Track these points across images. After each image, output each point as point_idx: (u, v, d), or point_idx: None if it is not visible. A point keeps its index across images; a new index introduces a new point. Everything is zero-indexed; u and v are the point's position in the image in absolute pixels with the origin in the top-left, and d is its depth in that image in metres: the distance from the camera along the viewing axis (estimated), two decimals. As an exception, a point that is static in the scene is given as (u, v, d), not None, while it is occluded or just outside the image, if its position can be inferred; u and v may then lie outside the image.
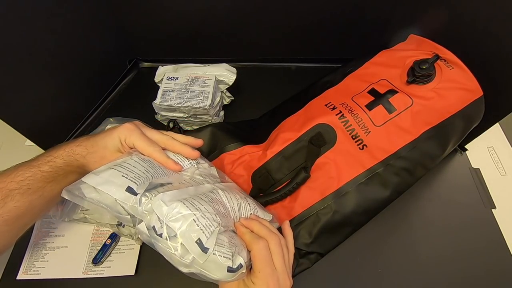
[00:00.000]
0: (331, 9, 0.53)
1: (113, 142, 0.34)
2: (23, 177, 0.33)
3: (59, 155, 0.34)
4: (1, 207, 0.31)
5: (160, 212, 0.28)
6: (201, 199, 0.30)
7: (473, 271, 0.42)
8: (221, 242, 0.29)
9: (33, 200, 0.32)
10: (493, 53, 0.42)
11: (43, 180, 0.33)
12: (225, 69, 0.53)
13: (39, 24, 0.43)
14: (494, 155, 0.53)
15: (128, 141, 0.34)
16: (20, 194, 0.32)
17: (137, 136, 0.34)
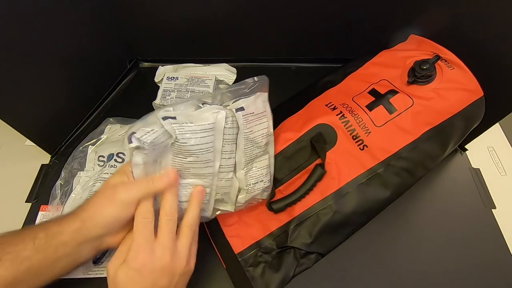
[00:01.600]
0: (331, 9, 0.53)
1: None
2: (19, 241, 0.29)
3: (54, 226, 0.30)
4: None
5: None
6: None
7: (473, 271, 0.42)
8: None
9: (19, 273, 0.28)
10: (493, 53, 0.42)
11: (32, 250, 0.29)
12: (225, 69, 0.53)
13: (39, 24, 0.43)
14: (494, 155, 0.53)
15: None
16: (9, 261, 0.28)
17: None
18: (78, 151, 0.50)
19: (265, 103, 0.36)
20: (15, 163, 0.53)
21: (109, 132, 0.51)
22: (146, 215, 0.29)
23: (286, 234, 0.40)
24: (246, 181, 0.36)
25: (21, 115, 0.45)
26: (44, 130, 0.50)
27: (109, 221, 0.30)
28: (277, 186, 0.42)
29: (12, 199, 0.49)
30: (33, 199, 0.48)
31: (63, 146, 0.54)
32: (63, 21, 0.47)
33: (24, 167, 0.52)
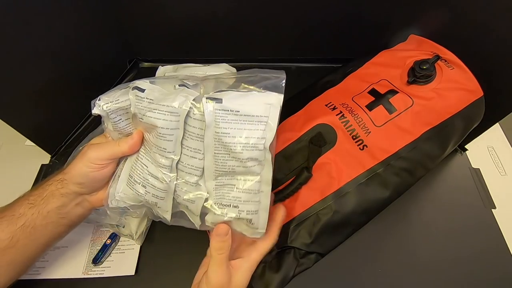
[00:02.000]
0: (331, 9, 0.53)
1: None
2: (14, 203, 0.32)
3: (46, 180, 0.33)
4: None
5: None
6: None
7: (473, 271, 0.42)
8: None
9: (15, 231, 0.31)
10: (493, 53, 0.42)
11: (26, 206, 0.32)
12: (225, 69, 0.53)
13: (39, 24, 0.43)
14: (494, 155, 0.53)
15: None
16: (6, 222, 0.31)
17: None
18: (78, 151, 0.50)
19: (271, 108, 0.27)
20: (15, 163, 0.54)
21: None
22: (221, 251, 0.30)
23: (286, 234, 0.40)
24: (214, 197, 0.30)
25: (21, 115, 0.45)
26: (44, 130, 0.50)
27: (80, 177, 0.32)
28: (277, 186, 0.42)
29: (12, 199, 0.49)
30: None
31: (63, 146, 0.54)
32: (63, 21, 0.47)
33: (24, 167, 0.52)
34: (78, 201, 0.33)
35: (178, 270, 0.42)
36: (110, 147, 0.32)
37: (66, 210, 0.33)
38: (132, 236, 0.43)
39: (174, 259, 0.43)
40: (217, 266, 0.29)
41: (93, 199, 0.34)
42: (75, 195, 0.33)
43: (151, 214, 0.35)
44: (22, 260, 0.32)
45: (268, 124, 0.27)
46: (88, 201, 0.34)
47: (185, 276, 0.41)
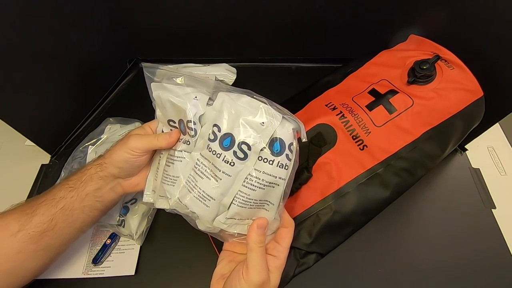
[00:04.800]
0: (331, 9, 0.53)
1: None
2: (52, 189, 0.34)
3: (86, 164, 0.36)
4: (28, 222, 0.32)
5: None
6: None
7: (473, 271, 0.42)
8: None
9: (55, 213, 0.33)
10: (493, 53, 0.42)
11: (66, 189, 0.34)
12: (225, 69, 0.53)
13: (39, 24, 0.43)
14: (494, 155, 0.53)
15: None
16: (45, 206, 0.33)
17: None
18: (78, 151, 0.50)
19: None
20: (15, 163, 0.54)
21: (109, 132, 0.51)
22: (261, 244, 0.30)
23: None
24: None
25: (21, 115, 0.45)
26: (44, 130, 0.50)
27: (120, 162, 0.34)
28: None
29: (12, 199, 0.49)
30: None
31: (63, 146, 0.54)
32: (63, 21, 0.47)
33: (24, 167, 0.52)
34: (113, 184, 0.36)
35: (178, 270, 0.42)
36: (149, 139, 0.34)
37: (102, 193, 0.35)
38: (132, 236, 0.43)
39: (174, 259, 0.43)
40: (259, 260, 0.29)
41: (126, 184, 0.37)
42: (111, 178, 0.35)
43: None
44: (58, 244, 0.34)
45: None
46: (121, 186, 0.36)
47: (185, 276, 0.41)
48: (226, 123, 0.30)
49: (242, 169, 0.30)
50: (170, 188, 0.33)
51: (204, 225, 0.32)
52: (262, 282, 0.29)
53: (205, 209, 0.31)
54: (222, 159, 0.30)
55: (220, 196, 0.30)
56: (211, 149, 0.30)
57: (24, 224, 0.32)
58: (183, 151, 0.33)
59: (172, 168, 0.33)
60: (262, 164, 0.29)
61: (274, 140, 0.29)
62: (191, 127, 0.31)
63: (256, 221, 0.30)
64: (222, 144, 0.30)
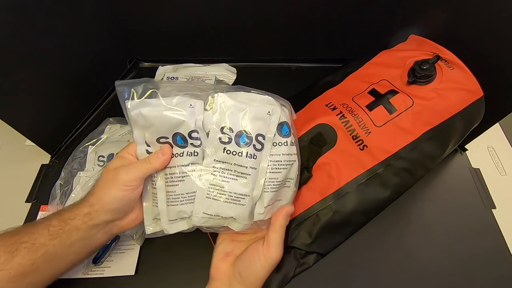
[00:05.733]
0: (331, 9, 0.53)
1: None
2: (34, 230, 0.31)
3: (67, 212, 0.32)
4: (9, 262, 0.29)
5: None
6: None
7: (473, 271, 0.42)
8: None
9: (36, 259, 0.30)
10: (493, 53, 0.42)
11: (47, 236, 0.31)
12: (225, 69, 0.53)
13: (39, 24, 0.43)
14: (494, 155, 0.53)
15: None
16: (26, 249, 0.30)
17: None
18: (78, 151, 0.50)
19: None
20: (15, 163, 0.53)
21: (109, 132, 0.51)
22: (285, 228, 0.34)
23: (286, 235, 0.40)
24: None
25: (21, 115, 0.45)
26: (44, 130, 0.50)
27: (115, 203, 0.31)
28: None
29: (12, 199, 0.49)
30: (33, 199, 0.49)
31: (63, 146, 0.54)
32: (63, 21, 0.47)
33: (24, 167, 0.52)
34: (107, 229, 0.33)
35: (178, 270, 0.42)
36: (141, 166, 0.31)
37: (91, 240, 0.32)
38: (132, 236, 0.43)
39: (174, 259, 0.43)
40: (280, 240, 0.33)
41: (123, 223, 0.33)
42: (104, 225, 0.32)
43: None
44: (41, 282, 0.32)
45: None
46: (118, 227, 0.33)
47: (185, 276, 0.41)
48: (236, 122, 0.31)
49: (262, 159, 0.31)
50: (187, 207, 0.32)
51: (241, 224, 0.32)
52: (278, 259, 0.33)
53: (242, 208, 0.31)
54: (246, 155, 0.31)
55: (251, 190, 0.31)
56: (229, 150, 0.30)
57: (5, 264, 0.29)
58: (190, 164, 0.31)
59: (183, 185, 0.31)
60: (278, 148, 0.32)
61: (281, 124, 0.32)
62: (196, 137, 0.30)
63: (285, 208, 0.34)
64: (240, 142, 0.31)
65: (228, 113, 0.31)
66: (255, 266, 0.32)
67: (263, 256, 0.32)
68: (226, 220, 0.32)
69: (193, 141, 0.31)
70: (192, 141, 0.31)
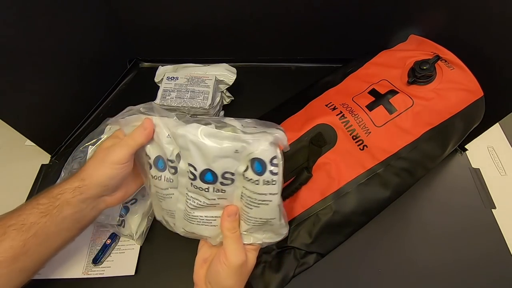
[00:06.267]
0: (331, 9, 0.53)
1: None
2: (22, 212, 0.31)
3: (56, 188, 0.33)
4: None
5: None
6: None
7: (473, 271, 0.42)
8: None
9: (27, 239, 0.30)
10: (493, 53, 0.42)
11: (37, 214, 0.31)
12: (225, 69, 0.53)
13: (39, 24, 0.43)
14: (494, 155, 0.53)
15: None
16: (15, 231, 0.30)
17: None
18: (78, 151, 0.50)
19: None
20: (15, 163, 0.54)
21: (109, 132, 0.51)
22: (234, 230, 0.31)
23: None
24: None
25: (21, 115, 0.45)
26: (44, 130, 0.50)
27: (104, 180, 0.32)
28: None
29: (12, 199, 0.49)
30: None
31: (63, 146, 0.54)
32: (63, 21, 0.47)
33: (24, 167, 0.52)
34: (95, 204, 0.33)
35: (178, 270, 0.42)
36: (127, 143, 0.32)
37: (81, 215, 0.33)
38: (132, 236, 0.43)
39: (174, 259, 0.43)
40: (235, 244, 0.31)
41: (110, 199, 0.34)
42: (93, 199, 0.33)
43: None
44: (33, 265, 0.32)
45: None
46: (105, 202, 0.34)
47: (185, 276, 0.41)
48: (199, 160, 0.29)
49: (234, 190, 0.30)
50: (171, 220, 0.34)
51: (215, 240, 0.33)
52: (241, 263, 0.30)
53: (213, 229, 0.32)
54: (212, 191, 0.30)
55: (222, 211, 0.31)
56: (196, 186, 0.30)
57: None
58: (169, 188, 0.32)
59: (166, 203, 0.33)
60: (250, 184, 0.29)
61: (253, 160, 0.29)
62: (171, 165, 0.31)
63: (226, 210, 0.31)
64: (205, 180, 0.29)
65: (191, 150, 0.29)
66: (220, 275, 0.30)
67: (224, 264, 0.30)
68: (202, 237, 0.33)
69: (170, 169, 0.32)
70: (170, 168, 0.32)
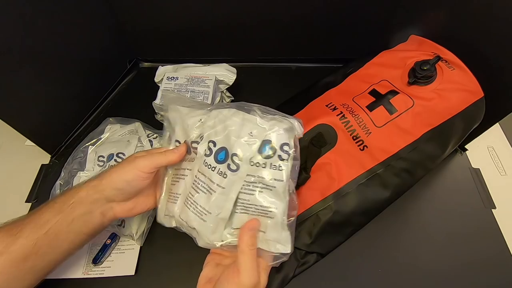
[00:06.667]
0: (332, 9, 0.53)
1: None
2: (40, 209, 0.32)
3: (75, 187, 0.34)
4: (12, 244, 0.30)
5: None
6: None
7: (473, 271, 0.42)
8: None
9: (39, 238, 0.30)
10: (493, 53, 0.42)
11: (52, 212, 0.32)
12: (225, 69, 0.53)
13: (39, 24, 0.43)
14: (494, 155, 0.53)
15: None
16: (29, 229, 0.31)
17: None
18: (78, 151, 0.50)
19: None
20: (15, 163, 0.54)
21: (109, 132, 0.51)
22: (253, 246, 0.30)
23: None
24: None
25: (21, 115, 0.45)
26: (44, 130, 0.50)
27: (123, 183, 0.33)
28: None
29: (12, 199, 0.49)
30: (33, 199, 0.49)
31: (63, 146, 0.54)
32: (63, 21, 0.47)
33: (24, 167, 0.52)
34: (104, 209, 0.34)
35: (178, 270, 0.42)
36: (157, 156, 0.33)
37: (90, 217, 0.33)
38: (132, 236, 0.43)
39: (174, 259, 0.43)
40: (250, 263, 0.28)
41: (119, 208, 0.35)
42: (104, 202, 0.33)
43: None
44: (42, 266, 0.32)
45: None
46: (113, 211, 0.34)
47: (185, 276, 0.41)
48: (220, 138, 0.32)
49: (236, 180, 0.30)
50: (172, 206, 0.35)
51: (203, 240, 0.32)
52: (253, 285, 0.28)
53: (203, 224, 0.32)
54: (216, 171, 0.31)
55: (216, 209, 0.31)
56: (207, 163, 0.32)
57: (7, 247, 0.29)
58: (186, 169, 0.34)
59: (176, 186, 0.35)
60: (255, 168, 0.30)
61: (263, 143, 0.30)
62: (195, 147, 0.33)
63: (247, 223, 0.30)
64: (217, 158, 0.31)
65: (216, 128, 0.32)
66: None
67: (234, 284, 0.28)
68: (193, 231, 0.33)
69: (194, 150, 0.34)
70: (194, 149, 0.34)
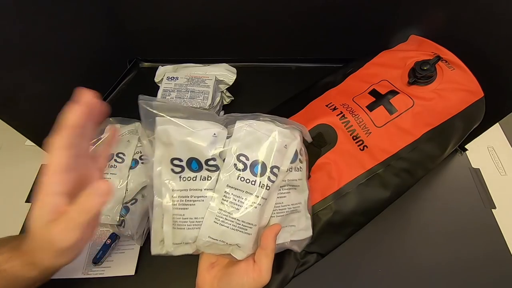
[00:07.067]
0: (332, 9, 0.53)
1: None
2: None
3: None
4: None
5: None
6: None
7: (473, 271, 0.42)
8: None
9: None
10: (493, 54, 0.42)
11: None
12: (225, 69, 0.53)
13: (39, 24, 0.43)
14: (494, 155, 0.53)
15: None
16: None
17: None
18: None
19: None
20: (15, 163, 0.53)
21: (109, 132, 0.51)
22: (274, 249, 0.31)
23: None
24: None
25: (21, 115, 0.45)
26: (44, 130, 0.49)
27: (52, 269, 0.29)
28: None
29: (12, 199, 0.49)
30: (33, 199, 0.48)
31: (63, 146, 0.54)
32: (63, 21, 0.47)
33: (24, 167, 0.52)
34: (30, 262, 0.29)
35: (178, 270, 0.42)
36: (77, 220, 0.26)
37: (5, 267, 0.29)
38: (132, 236, 0.43)
39: (174, 259, 0.42)
40: (271, 263, 0.31)
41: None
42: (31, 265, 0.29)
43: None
44: None
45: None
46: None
47: (185, 276, 0.41)
48: (253, 151, 0.30)
49: (274, 189, 0.31)
50: (193, 232, 0.30)
51: (245, 253, 0.31)
52: (267, 282, 0.31)
53: (247, 237, 0.30)
54: (258, 185, 0.30)
55: (260, 220, 0.31)
56: (243, 178, 0.30)
57: None
58: (203, 190, 0.30)
59: (192, 209, 0.30)
60: (285, 174, 0.32)
61: (295, 153, 0.33)
62: (212, 164, 0.30)
63: (273, 227, 0.31)
64: (254, 171, 0.30)
65: (246, 141, 0.31)
66: (243, 287, 0.30)
67: (253, 279, 0.30)
68: (230, 247, 0.31)
69: (209, 167, 0.30)
70: (208, 167, 0.30)
